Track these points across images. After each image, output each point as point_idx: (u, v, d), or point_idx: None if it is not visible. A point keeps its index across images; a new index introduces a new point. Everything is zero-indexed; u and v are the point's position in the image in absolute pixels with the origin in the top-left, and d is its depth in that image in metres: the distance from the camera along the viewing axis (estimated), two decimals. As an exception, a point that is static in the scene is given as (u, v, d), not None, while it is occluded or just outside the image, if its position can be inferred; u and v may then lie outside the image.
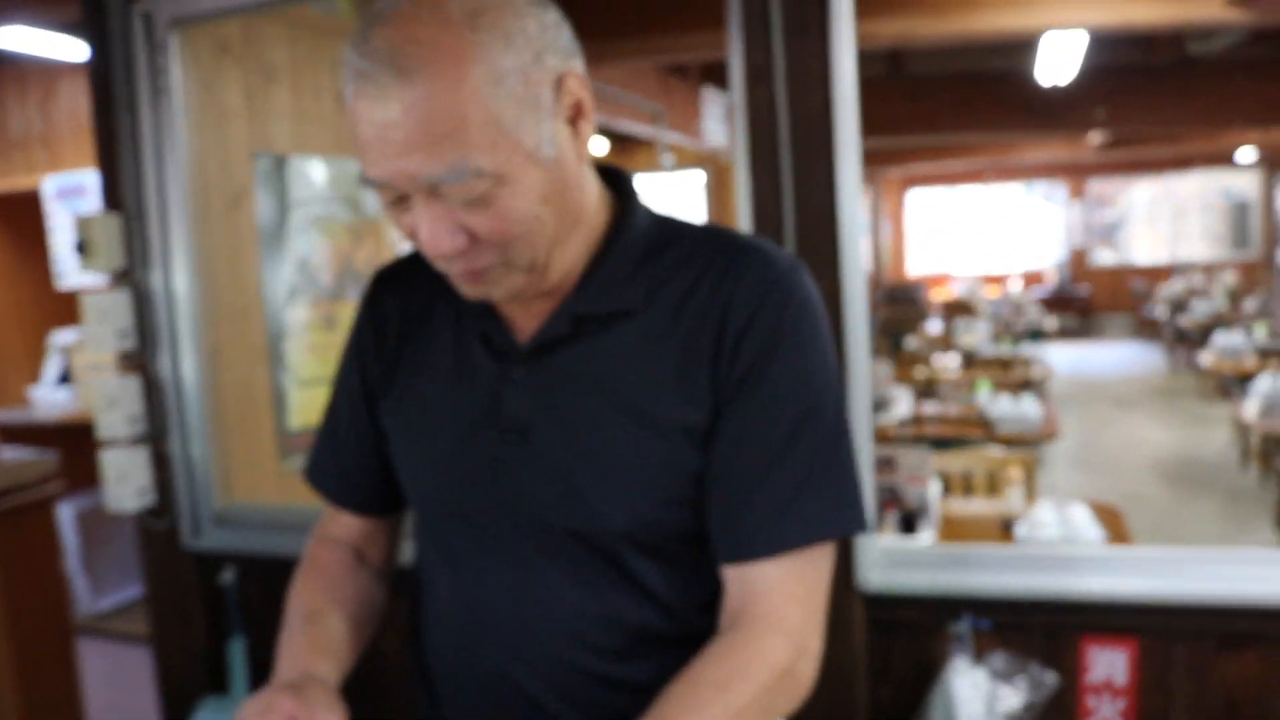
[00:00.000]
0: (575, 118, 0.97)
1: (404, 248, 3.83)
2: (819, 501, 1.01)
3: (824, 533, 1.02)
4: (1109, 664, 1.98)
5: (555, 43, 0.95)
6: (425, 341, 1.14)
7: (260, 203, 2.99)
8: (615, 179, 1.11)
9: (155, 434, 2.68)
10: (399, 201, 0.95)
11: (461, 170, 0.89)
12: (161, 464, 2.69)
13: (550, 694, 1.07)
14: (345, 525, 1.26)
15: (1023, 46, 6.62)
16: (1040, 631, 2.01)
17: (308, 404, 3.18)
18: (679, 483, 1.03)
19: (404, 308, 1.18)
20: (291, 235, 3.12)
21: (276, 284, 3.08)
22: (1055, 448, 7.95)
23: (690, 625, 1.05)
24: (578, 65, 0.97)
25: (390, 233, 3.55)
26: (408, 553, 1.33)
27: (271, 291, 3.06)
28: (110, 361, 2.78)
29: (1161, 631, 1.94)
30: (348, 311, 3.31)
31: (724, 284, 1.02)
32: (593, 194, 1.05)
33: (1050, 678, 1.98)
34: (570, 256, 1.03)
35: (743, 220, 2.03)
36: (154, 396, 2.66)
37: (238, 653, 2.67)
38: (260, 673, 2.69)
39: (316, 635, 1.10)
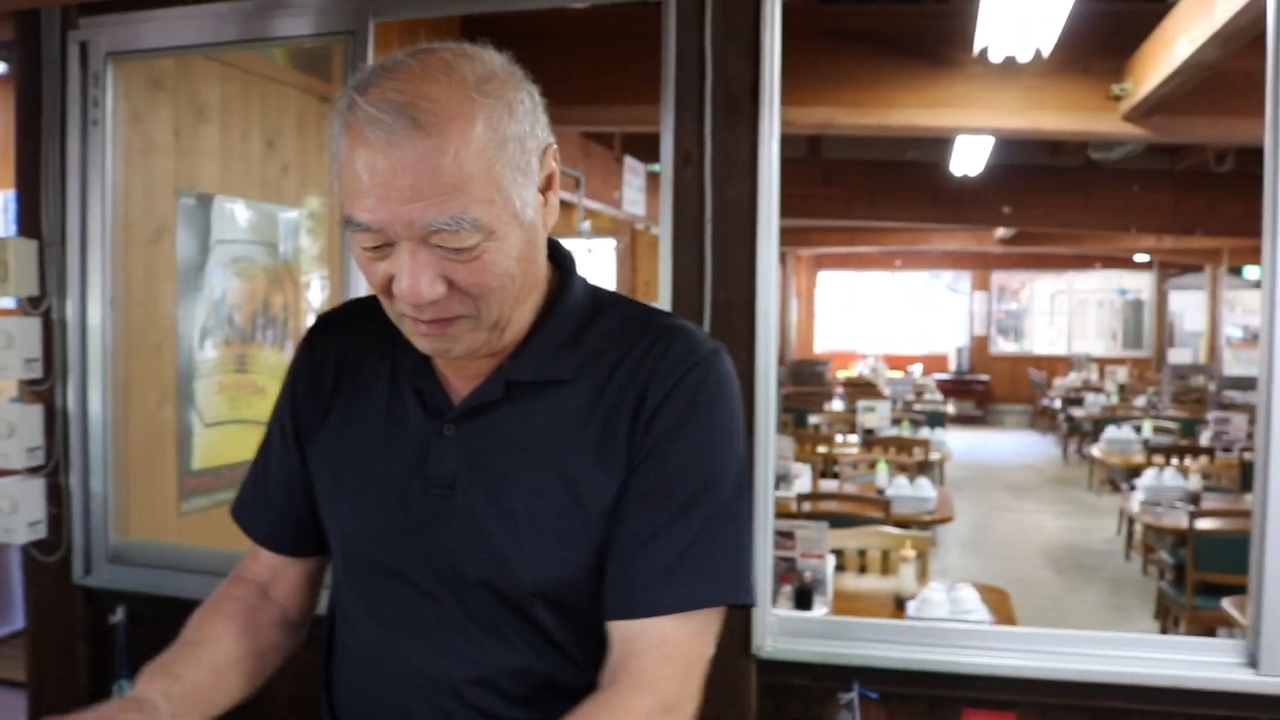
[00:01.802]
0: (547, 188, 1.04)
1: (314, 295, 3.83)
2: (703, 570, 1.05)
3: (704, 600, 1.05)
4: (988, 737, 2.05)
5: (541, 117, 1.03)
6: (358, 392, 1.17)
7: (181, 240, 2.98)
8: (554, 250, 1.15)
9: (54, 465, 2.63)
10: (381, 248, 0.98)
11: (461, 220, 0.94)
12: (58, 497, 2.63)
13: None
14: (263, 564, 1.27)
15: (935, 140, 6.92)
16: (924, 703, 2.09)
17: (213, 446, 3.15)
18: (590, 548, 1.07)
19: (340, 357, 1.20)
20: (209, 274, 3.11)
21: (191, 322, 3.06)
22: (949, 531, 8.14)
23: (595, 677, 1.08)
24: (553, 140, 1.05)
25: (303, 278, 3.55)
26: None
27: (186, 330, 3.04)
28: (11, 388, 2.73)
29: (1038, 707, 2.03)
30: (260, 354, 3.30)
31: (647, 362, 1.08)
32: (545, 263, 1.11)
33: (932, 749, 2.05)
34: (522, 319, 1.08)
35: (663, 296, 2.11)
36: (56, 427, 2.62)
37: (124, 695, 2.60)
38: (143, 717, 2.63)
39: (172, 660, 1.11)
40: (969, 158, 6.72)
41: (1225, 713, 1.95)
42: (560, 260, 1.15)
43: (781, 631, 2.13)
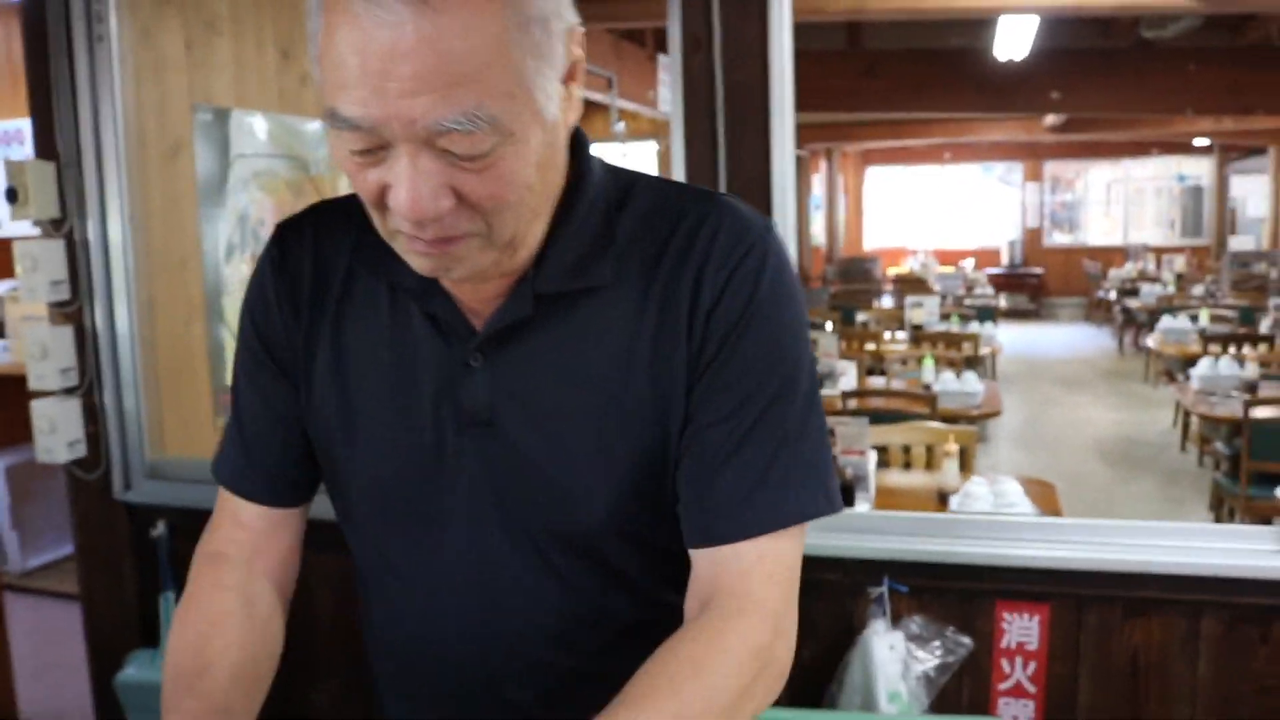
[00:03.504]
0: (570, 79, 0.86)
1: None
2: (792, 482, 0.93)
3: (797, 514, 0.94)
4: (1022, 628, 2.03)
5: None
6: (350, 315, 1.01)
7: (200, 155, 2.96)
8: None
9: (87, 385, 2.65)
10: (373, 152, 0.80)
11: (475, 117, 0.77)
12: (93, 415, 2.67)
13: (528, 694, 1.00)
14: (246, 530, 1.07)
15: (979, 24, 6.67)
16: (957, 596, 2.06)
17: (246, 360, 3.17)
18: (658, 471, 0.96)
19: (318, 273, 1.02)
20: (232, 190, 3.09)
21: (216, 238, 3.05)
22: (999, 425, 8.07)
23: (665, 606, 1.00)
24: (579, 22, 0.86)
25: (329, 191, 3.52)
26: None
27: (211, 245, 3.04)
28: (45, 312, 2.75)
29: (1072, 598, 2.00)
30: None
31: (695, 250, 0.93)
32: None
33: (965, 641, 2.03)
34: (540, 228, 0.92)
35: (676, 185, 2.04)
36: (87, 347, 2.64)
37: (169, 607, 2.67)
38: (191, 627, 2.69)
39: (201, 707, 0.95)
40: (1014, 41, 6.47)
41: (1264, 600, 1.91)
42: (573, 142, 0.95)
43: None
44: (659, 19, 2.05)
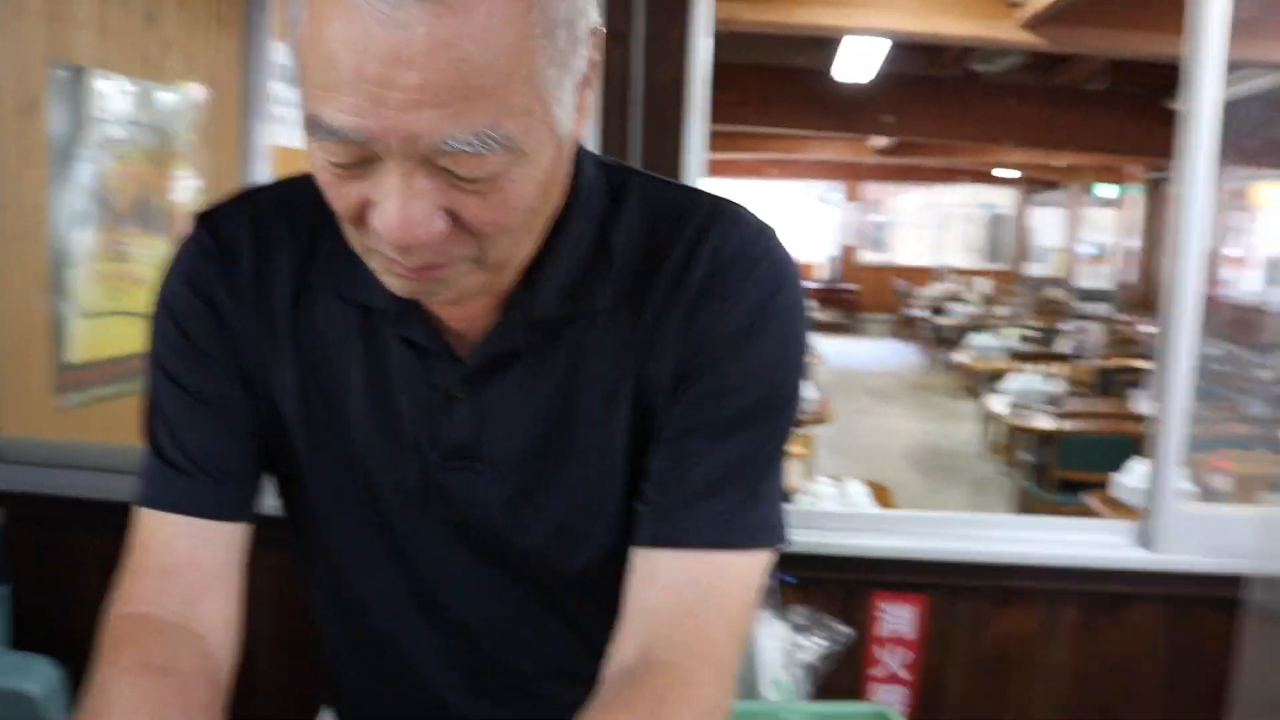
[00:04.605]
0: (584, 84, 0.75)
1: (196, 183, 3.59)
2: (767, 505, 0.84)
3: (773, 536, 0.85)
4: (898, 618, 2.13)
5: None
6: (311, 333, 0.88)
7: (53, 116, 2.77)
8: None
9: (-81, 356, 2.45)
10: (359, 164, 0.69)
11: (489, 138, 0.66)
12: (-76, 390, 2.46)
13: None
14: (175, 575, 0.86)
15: (822, 45, 6.93)
16: (838, 588, 2.15)
17: (91, 337, 2.98)
18: None
19: (260, 274, 0.88)
20: (85, 156, 2.91)
21: (64, 206, 2.87)
22: (817, 432, 8.41)
23: None
24: (600, 21, 0.75)
25: (187, 165, 3.35)
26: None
27: (57, 214, 2.85)
28: None
29: (946, 589, 2.12)
30: (140, 244, 3.12)
31: (694, 269, 0.83)
32: None
33: (845, 631, 2.12)
34: (530, 247, 0.81)
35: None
36: (-80, 315, 2.44)
37: (1, 601, 2.48)
38: (25, 623, 2.51)
39: None
40: (862, 64, 6.75)
41: (1121, 588, 2.07)
42: None
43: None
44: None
